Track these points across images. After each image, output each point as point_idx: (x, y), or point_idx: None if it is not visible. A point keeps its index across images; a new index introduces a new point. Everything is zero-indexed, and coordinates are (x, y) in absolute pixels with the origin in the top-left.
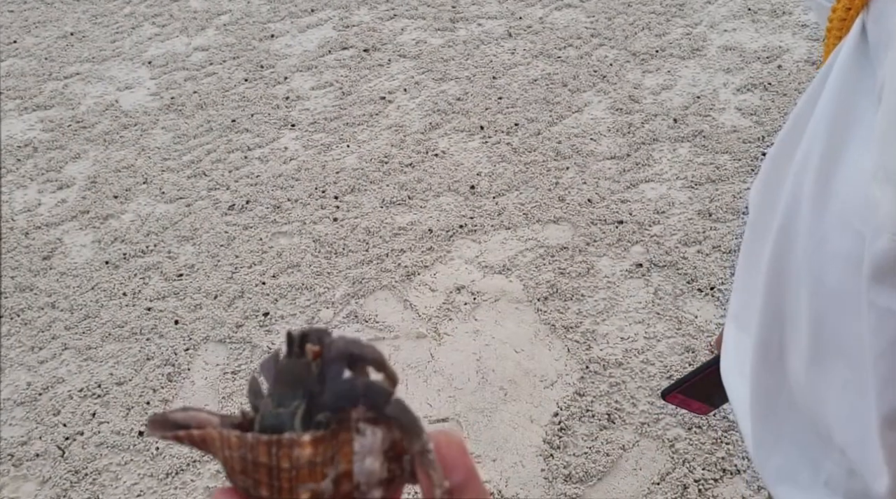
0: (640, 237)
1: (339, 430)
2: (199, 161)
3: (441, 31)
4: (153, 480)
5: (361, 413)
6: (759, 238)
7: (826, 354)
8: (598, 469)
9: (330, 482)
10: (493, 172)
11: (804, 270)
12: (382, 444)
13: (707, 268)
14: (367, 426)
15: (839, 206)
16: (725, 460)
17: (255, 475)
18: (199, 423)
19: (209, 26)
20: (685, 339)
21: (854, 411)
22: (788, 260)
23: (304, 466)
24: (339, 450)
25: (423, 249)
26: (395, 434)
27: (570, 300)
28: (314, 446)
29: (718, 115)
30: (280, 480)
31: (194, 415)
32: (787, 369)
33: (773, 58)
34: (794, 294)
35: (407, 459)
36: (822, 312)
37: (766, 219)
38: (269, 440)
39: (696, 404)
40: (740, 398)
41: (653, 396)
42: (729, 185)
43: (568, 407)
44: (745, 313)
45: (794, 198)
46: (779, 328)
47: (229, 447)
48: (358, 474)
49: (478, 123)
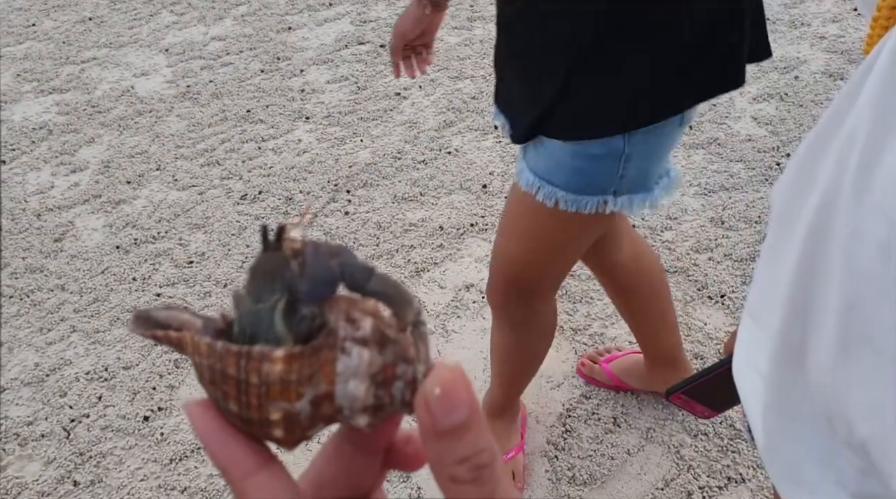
0: (652, 242)
1: (321, 347)
2: (213, 150)
3: (458, 29)
4: (157, 465)
5: (349, 332)
6: (787, 230)
7: (854, 344)
8: (602, 472)
9: (307, 403)
10: (506, 172)
11: (837, 258)
12: (369, 367)
13: (718, 276)
14: (354, 346)
15: (879, 194)
16: (731, 467)
17: (223, 387)
18: (180, 324)
19: (227, 16)
20: (694, 346)
21: (879, 403)
22: (821, 250)
23: (274, 383)
24: (321, 369)
25: (433, 246)
26: (385, 358)
27: (578, 302)
28: (287, 363)
29: (734, 124)
30: (248, 395)
31: (177, 315)
32: (806, 365)
33: (791, 68)
34: (824, 284)
35: (398, 386)
36: (852, 300)
37: (795, 211)
38: (238, 351)
39: (699, 406)
40: (753, 394)
41: (659, 401)
42: (742, 193)
43: (574, 409)
44: (765, 308)
45: (832, 187)
46: (802, 321)
47: (199, 354)
48: (340, 397)
49: (492, 123)
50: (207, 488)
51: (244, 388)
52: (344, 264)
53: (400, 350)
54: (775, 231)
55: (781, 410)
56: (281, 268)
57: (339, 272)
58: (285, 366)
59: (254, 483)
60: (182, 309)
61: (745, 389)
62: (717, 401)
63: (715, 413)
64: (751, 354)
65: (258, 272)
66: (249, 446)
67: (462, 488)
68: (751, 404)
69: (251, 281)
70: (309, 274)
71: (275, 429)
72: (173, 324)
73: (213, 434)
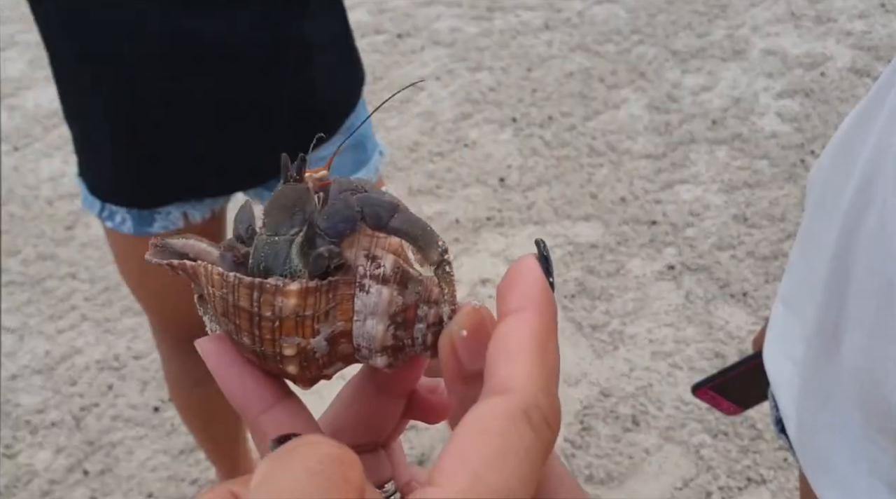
0: (673, 239)
1: (338, 283)
2: None
3: (477, 19)
4: (167, 456)
5: (369, 268)
6: (825, 214)
7: (892, 322)
8: (620, 471)
9: (323, 340)
10: (524, 166)
11: (877, 236)
12: (389, 306)
13: (740, 274)
14: (374, 284)
15: None
16: (751, 468)
17: (236, 320)
18: (197, 254)
19: None
20: (715, 344)
21: None
22: (860, 229)
23: (288, 317)
24: (337, 306)
25: (448, 239)
26: (406, 297)
27: (597, 299)
28: (300, 297)
29: (758, 120)
30: (261, 329)
31: (193, 244)
32: (841, 351)
33: (816, 64)
34: (863, 263)
35: (420, 328)
36: (892, 277)
37: (834, 193)
38: (251, 283)
39: (725, 402)
40: (786, 383)
41: (679, 400)
42: (766, 190)
43: (592, 407)
44: (799, 295)
45: (873, 166)
46: (837, 305)
47: (212, 285)
48: (357, 335)
49: (510, 115)
50: (216, 480)
51: (257, 321)
52: (366, 200)
53: (423, 290)
54: (812, 216)
55: (815, 396)
56: (302, 200)
57: (360, 208)
58: (299, 300)
59: (269, 417)
60: (199, 239)
61: (778, 377)
62: (744, 397)
63: (741, 410)
64: (784, 341)
65: (277, 204)
66: (265, 381)
67: None
68: (783, 394)
69: (269, 213)
70: (329, 208)
71: (289, 365)
72: (190, 253)
73: (228, 369)
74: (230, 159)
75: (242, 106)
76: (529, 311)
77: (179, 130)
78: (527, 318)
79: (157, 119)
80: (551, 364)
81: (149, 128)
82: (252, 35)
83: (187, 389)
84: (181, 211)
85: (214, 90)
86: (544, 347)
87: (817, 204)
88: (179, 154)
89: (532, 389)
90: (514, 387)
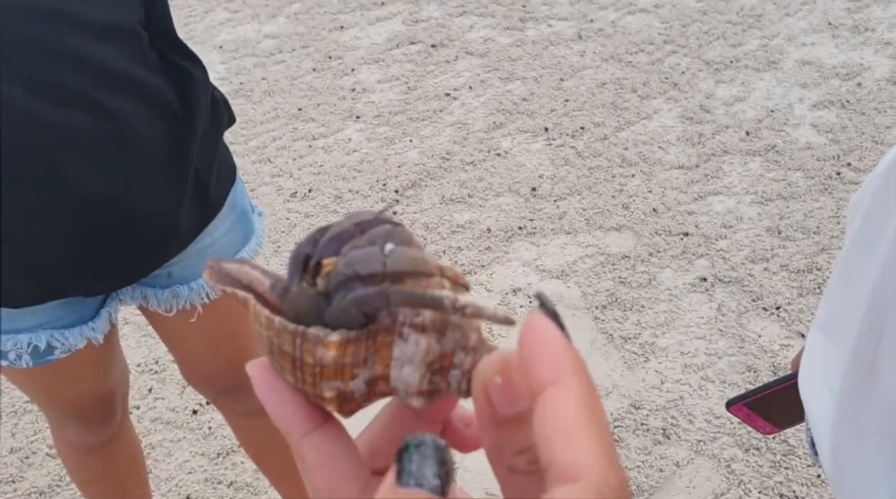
0: (706, 251)
1: (378, 330)
2: (265, 147)
3: (510, 30)
4: (204, 458)
5: (408, 317)
6: (867, 247)
7: None
8: (650, 484)
9: (362, 382)
10: (556, 175)
11: None
12: (426, 355)
13: (774, 287)
14: (412, 332)
15: None
16: (783, 484)
17: (280, 361)
18: (249, 281)
19: (280, 14)
20: (747, 358)
21: None
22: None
23: (328, 365)
24: (377, 352)
25: (480, 248)
26: (444, 346)
27: (629, 310)
28: (340, 349)
29: (793, 131)
30: (304, 372)
31: (247, 272)
32: (878, 385)
33: (853, 75)
34: None
35: (455, 374)
36: None
37: (878, 224)
38: (294, 331)
39: (760, 421)
40: (821, 411)
41: (710, 413)
42: (800, 203)
43: (622, 419)
44: (837, 324)
45: None
46: (875, 341)
47: (260, 324)
48: (395, 379)
49: (542, 125)
50: (253, 483)
51: (299, 365)
52: (358, 299)
53: (461, 337)
54: (853, 248)
55: (851, 428)
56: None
57: (357, 306)
58: (339, 351)
59: (309, 441)
60: (253, 265)
61: (813, 405)
62: (780, 417)
63: (777, 430)
64: (821, 369)
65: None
66: (307, 407)
67: (519, 479)
68: (818, 422)
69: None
70: (355, 257)
71: (328, 404)
72: (243, 279)
73: (274, 395)
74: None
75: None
76: (568, 381)
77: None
78: (568, 390)
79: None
80: (606, 434)
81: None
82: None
83: (83, 454)
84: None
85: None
86: (594, 417)
87: (858, 236)
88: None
89: (600, 470)
90: (581, 474)
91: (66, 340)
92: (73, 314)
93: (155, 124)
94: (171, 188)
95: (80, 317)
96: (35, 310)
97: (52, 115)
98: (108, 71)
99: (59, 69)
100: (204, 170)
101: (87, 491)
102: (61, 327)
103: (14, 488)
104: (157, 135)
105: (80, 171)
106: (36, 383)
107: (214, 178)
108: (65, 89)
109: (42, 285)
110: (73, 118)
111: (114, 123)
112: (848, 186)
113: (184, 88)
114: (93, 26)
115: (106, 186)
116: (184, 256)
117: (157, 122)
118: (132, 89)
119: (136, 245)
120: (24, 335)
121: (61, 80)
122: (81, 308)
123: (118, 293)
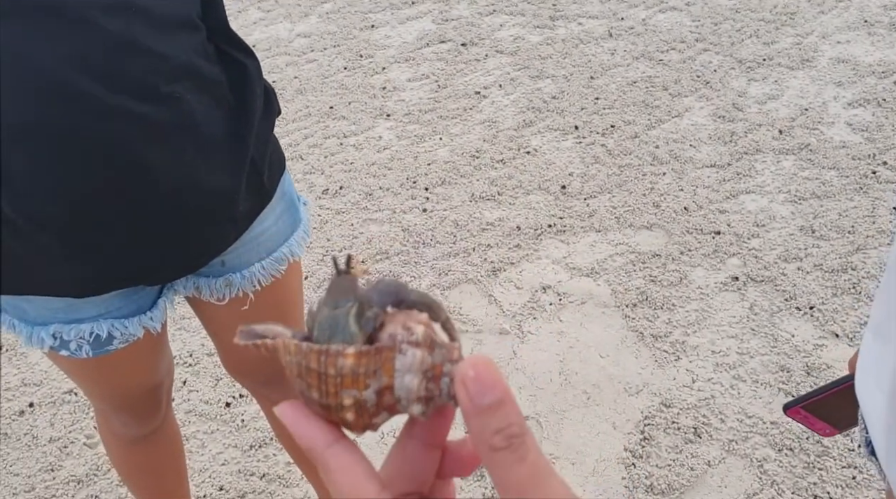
0: (738, 250)
1: (383, 348)
2: (297, 145)
3: (540, 28)
4: (237, 450)
5: (405, 337)
6: None
7: None
8: (681, 483)
9: (373, 393)
10: (586, 173)
11: None
12: (421, 364)
13: (807, 286)
14: (409, 347)
15: None
16: (817, 485)
17: (307, 379)
18: (275, 334)
19: (312, 14)
20: (780, 357)
21: None
22: None
23: (347, 374)
24: (383, 365)
25: (510, 245)
26: (434, 358)
27: (660, 309)
28: (357, 358)
29: (827, 129)
30: (327, 384)
31: (272, 328)
32: None
33: (890, 73)
34: None
35: (445, 381)
36: None
37: None
38: (319, 349)
39: (819, 423)
40: (876, 412)
41: (742, 413)
42: (835, 202)
43: (653, 417)
44: (890, 325)
45: None
46: None
47: (289, 353)
48: (398, 389)
49: (572, 123)
50: (285, 475)
51: (324, 378)
52: (398, 285)
53: (446, 352)
54: None
55: None
56: (353, 285)
57: (395, 290)
58: (356, 360)
59: (331, 451)
60: (275, 324)
61: (868, 406)
62: (839, 418)
63: (837, 431)
64: (874, 371)
65: (335, 289)
66: (327, 426)
67: (499, 454)
68: (874, 424)
69: (329, 295)
70: (375, 287)
71: (347, 413)
72: (269, 335)
73: (299, 420)
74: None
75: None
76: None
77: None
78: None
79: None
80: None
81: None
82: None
83: (128, 445)
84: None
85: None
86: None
87: None
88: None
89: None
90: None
91: (125, 329)
92: (132, 304)
93: (215, 114)
94: (232, 176)
95: (139, 307)
96: (95, 300)
97: (132, 108)
98: (174, 63)
99: (133, 63)
100: (258, 158)
101: (129, 482)
102: (121, 317)
103: (53, 476)
104: (218, 124)
105: (161, 160)
106: (91, 373)
107: (267, 166)
108: (138, 83)
109: (111, 274)
110: (149, 111)
111: (182, 114)
112: (884, 184)
113: (239, 79)
114: (160, 20)
115: (182, 175)
116: (238, 244)
117: (216, 112)
118: (195, 81)
119: (203, 232)
120: (86, 325)
121: (135, 74)
122: (139, 298)
123: (173, 284)
